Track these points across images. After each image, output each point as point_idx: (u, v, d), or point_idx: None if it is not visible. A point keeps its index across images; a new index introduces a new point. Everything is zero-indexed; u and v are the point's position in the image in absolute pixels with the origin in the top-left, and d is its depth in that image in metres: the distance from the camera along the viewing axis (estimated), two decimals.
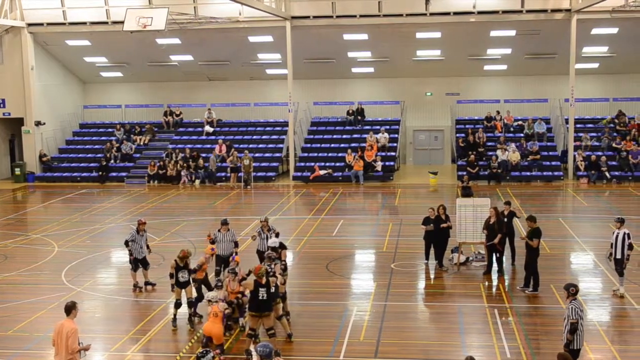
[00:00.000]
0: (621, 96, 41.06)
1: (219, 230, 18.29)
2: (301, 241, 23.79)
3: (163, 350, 14.59)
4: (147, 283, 18.73)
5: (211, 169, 37.60)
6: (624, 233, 17.09)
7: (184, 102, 43.95)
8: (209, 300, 14.11)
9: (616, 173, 35.77)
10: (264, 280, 13.83)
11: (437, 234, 19.92)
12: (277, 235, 18.03)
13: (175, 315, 15.68)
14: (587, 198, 31.92)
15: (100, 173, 38.72)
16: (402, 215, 28.64)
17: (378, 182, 36.74)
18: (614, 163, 36.35)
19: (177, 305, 15.77)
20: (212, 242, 17.95)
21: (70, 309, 11.69)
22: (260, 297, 13.76)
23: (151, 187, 37.23)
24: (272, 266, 15.03)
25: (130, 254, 18.53)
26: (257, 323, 13.97)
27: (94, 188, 37.15)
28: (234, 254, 17.51)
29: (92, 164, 40.00)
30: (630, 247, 17.12)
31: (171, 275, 15.85)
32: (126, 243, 18.59)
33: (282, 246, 17.09)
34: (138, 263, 18.56)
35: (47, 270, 20.90)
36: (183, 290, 15.89)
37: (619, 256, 17.12)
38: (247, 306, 14.43)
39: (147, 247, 18.89)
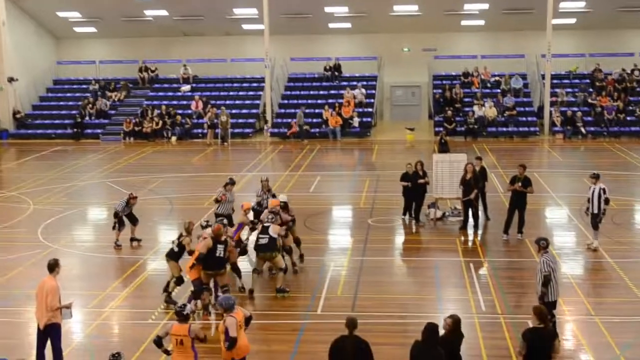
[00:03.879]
0: (597, 52, 41.12)
1: (224, 188, 18.13)
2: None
3: (141, 306, 14.61)
4: (132, 239, 18.58)
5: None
6: (600, 188, 17.28)
7: (159, 58, 43.39)
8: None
9: (591, 129, 36.00)
10: (222, 238, 13.98)
11: (414, 190, 20.01)
12: (274, 196, 18.05)
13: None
14: (563, 153, 32.20)
15: (75, 130, 38.33)
16: (379, 171, 28.70)
17: (355, 138, 36.73)
18: (589, 119, 36.57)
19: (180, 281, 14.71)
20: (217, 202, 17.87)
21: (52, 266, 11.62)
22: (217, 254, 13.85)
23: (127, 144, 36.95)
24: (271, 219, 15.14)
25: (116, 221, 18.31)
26: (210, 279, 14.16)
27: (69, 145, 36.82)
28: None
29: (66, 121, 39.54)
30: (607, 201, 17.34)
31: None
32: (115, 214, 18.35)
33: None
34: (123, 222, 18.41)
35: (23, 227, 20.78)
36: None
37: (595, 211, 17.35)
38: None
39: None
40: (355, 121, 37.31)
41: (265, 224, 15.00)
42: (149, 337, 12.53)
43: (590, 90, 38.58)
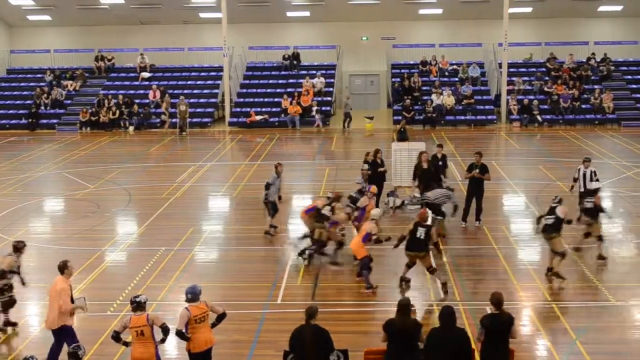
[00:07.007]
0: (553, 40, 41.65)
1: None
2: (238, 187, 23.71)
3: (99, 298, 14.46)
4: (272, 226, 18.41)
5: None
6: (591, 171, 18.20)
7: (116, 47, 42.83)
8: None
9: (547, 116, 36.47)
10: (425, 222, 14.52)
11: (373, 179, 20.05)
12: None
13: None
14: (519, 141, 32.56)
15: (30, 120, 37.70)
16: (339, 160, 28.75)
17: (314, 127, 36.71)
18: (545, 107, 37.04)
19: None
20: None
21: (61, 268, 11.34)
22: (417, 236, 14.25)
23: (83, 134, 36.49)
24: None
25: (266, 198, 18.08)
26: (414, 260, 14.57)
27: (24, 136, 36.23)
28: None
29: (21, 111, 38.84)
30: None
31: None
32: (267, 185, 18.13)
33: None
34: (276, 206, 18.39)
35: None
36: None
37: (582, 189, 18.07)
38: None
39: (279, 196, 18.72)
40: (315, 110, 37.26)
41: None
42: (108, 329, 12.45)
43: (546, 78, 39.07)
